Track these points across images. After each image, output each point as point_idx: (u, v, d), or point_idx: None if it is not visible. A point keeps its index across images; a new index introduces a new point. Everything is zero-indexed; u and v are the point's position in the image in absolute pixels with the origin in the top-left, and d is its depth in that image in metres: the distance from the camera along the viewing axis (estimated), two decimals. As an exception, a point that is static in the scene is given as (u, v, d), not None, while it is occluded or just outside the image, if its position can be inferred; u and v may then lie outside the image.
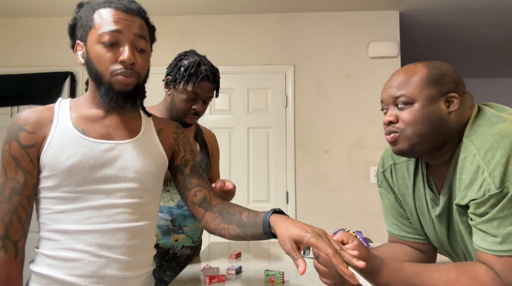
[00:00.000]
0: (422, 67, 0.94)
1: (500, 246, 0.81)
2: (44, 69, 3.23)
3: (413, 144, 0.93)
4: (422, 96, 0.91)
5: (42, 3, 3.12)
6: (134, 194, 0.97)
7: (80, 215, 0.92)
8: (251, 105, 3.27)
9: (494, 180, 0.80)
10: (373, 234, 2.93)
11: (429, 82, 0.91)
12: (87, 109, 1.00)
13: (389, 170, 1.12)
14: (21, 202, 0.91)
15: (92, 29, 0.95)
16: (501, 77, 5.11)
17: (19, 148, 0.92)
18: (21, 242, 0.91)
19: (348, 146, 3.19)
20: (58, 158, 0.91)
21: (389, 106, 0.96)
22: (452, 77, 0.93)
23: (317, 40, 3.28)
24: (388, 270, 0.89)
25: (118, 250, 0.93)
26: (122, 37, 0.93)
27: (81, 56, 0.98)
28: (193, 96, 1.40)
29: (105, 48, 0.93)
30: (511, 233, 0.80)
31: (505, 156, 0.80)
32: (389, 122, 0.95)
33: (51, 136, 0.93)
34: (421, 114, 0.91)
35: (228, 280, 1.15)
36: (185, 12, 3.27)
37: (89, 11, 0.97)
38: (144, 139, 1.03)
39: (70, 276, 0.90)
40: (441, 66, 0.94)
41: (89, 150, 0.93)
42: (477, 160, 0.84)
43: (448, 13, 3.23)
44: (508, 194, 0.79)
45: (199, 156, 1.55)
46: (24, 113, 0.96)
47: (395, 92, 0.94)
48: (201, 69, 1.40)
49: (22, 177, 0.91)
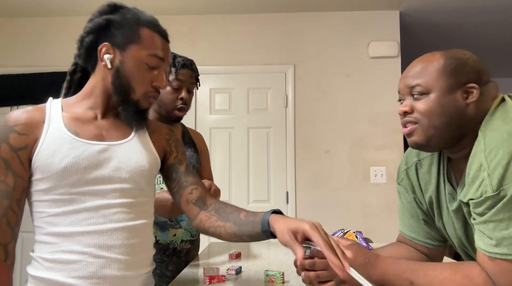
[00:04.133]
0: (439, 56, 0.90)
1: (495, 249, 0.80)
2: (44, 69, 3.23)
3: (428, 136, 0.90)
4: (438, 86, 0.88)
5: (42, 3, 3.12)
6: (128, 194, 0.97)
7: (76, 217, 0.91)
8: (251, 105, 3.27)
9: (492, 181, 0.78)
10: (373, 234, 2.93)
11: (446, 71, 0.88)
12: (79, 110, 0.99)
13: (414, 168, 1.08)
14: (11, 206, 0.89)
15: (137, 44, 0.96)
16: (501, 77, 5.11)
17: (9, 150, 0.90)
18: (11, 244, 0.90)
19: (348, 146, 3.19)
20: (51, 160, 0.90)
21: (405, 96, 0.94)
22: (472, 66, 0.89)
23: (317, 40, 3.28)
24: (383, 264, 0.89)
25: (117, 250, 0.93)
26: (162, 65, 1.00)
27: (109, 60, 0.97)
28: (177, 85, 1.48)
29: (146, 69, 0.98)
30: (505, 237, 0.79)
31: (507, 157, 0.77)
32: (403, 112, 0.92)
33: (43, 138, 0.92)
34: (436, 105, 0.88)
35: (228, 280, 1.15)
36: (185, 12, 3.27)
37: (133, 23, 0.97)
38: (137, 140, 1.03)
39: (70, 278, 0.89)
40: (460, 55, 0.90)
41: (82, 151, 0.92)
42: (482, 157, 0.81)
43: (448, 13, 3.23)
44: (505, 198, 0.77)
45: (188, 153, 1.58)
46: (14, 114, 0.93)
47: (410, 82, 0.91)
48: (178, 60, 1.50)
49: (12, 180, 0.89)
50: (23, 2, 3.09)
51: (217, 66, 3.27)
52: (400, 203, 1.16)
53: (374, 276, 0.89)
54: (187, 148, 1.59)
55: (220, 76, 3.28)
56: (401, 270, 0.88)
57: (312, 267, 0.89)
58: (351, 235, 1.52)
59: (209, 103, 3.26)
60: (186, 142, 1.60)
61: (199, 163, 1.63)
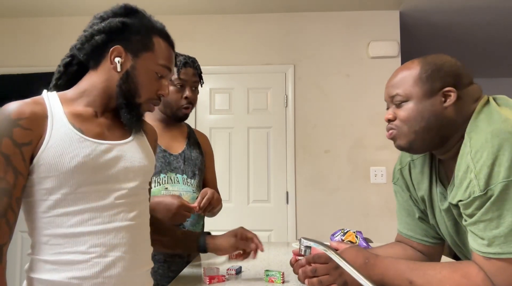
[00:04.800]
0: (417, 63, 0.95)
1: (488, 249, 0.81)
2: (44, 69, 3.23)
3: (410, 141, 0.95)
4: (415, 93, 0.92)
5: (42, 3, 3.12)
6: (132, 192, 0.97)
7: (81, 217, 0.90)
8: (251, 105, 3.27)
9: (479, 182, 0.80)
10: (373, 234, 2.93)
11: (421, 78, 0.92)
12: (79, 106, 0.98)
13: (407, 167, 1.12)
14: (10, 204, 0.85)
15: (150, 52, 0.98)
16: (501, 77, 5.11)
17: (11, 145, 0.85)
18: (6, 246, 0.86)
19: (348, 146, 3.19)
20: (60, 159, 0.87)
21: (389, 104, 0.99)
22: (449, 70, 0.92)
23: (317, 40, 3.28)
24: (383, 263, 0.90)
25: (122, 249, 0.93)
26: (168, 75, 1.03)
27: (119, 64, 0.96)
28: (180, 83, 1.49)
29: (155, 77, 1.00)
30: (496, 236, 0.80)
31: (492, 157, 0.80)
32: (387, 119, 0.98)
33: (49, 135, 0.89)
34: (414, 111, 0.92)
35: (228, 280, 1.15)
36: (185, 12, 3.27)
37: (147, 31, 0.98)
38: (137, 140, 1.04)
39: (74, 279, 0.88)
40: (436, 61, 0.94)
41: (90, 151, 0.91)
42: (468, 159, 0.84)
43: (448, 13, 3.23)
44: (492, 197, 0.79)
45: (194, 154, 1.57)
46: (15, 107, 0.88)
47: (391, 91, 0.97)
48: (179, 58, 1.50)
49: (13, 177, 0.85)
50: (23, 2, 3.09)
51: (217, 66, 3.27)
52: (397, 203, 1.18)
53: (374, 276, 0.90)
54: (192, 150, 1.58)
55: (220, 76, 3.28)
56: (401, 270, 0.89)
57: (314, 273, 0.90)
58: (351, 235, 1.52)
59: (209, 103, 3.26)
60: (191, 144, 1.59)
61: (204, 165, 1.62)
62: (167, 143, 1.51)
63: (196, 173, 1.54)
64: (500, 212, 0.79)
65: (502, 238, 0.79)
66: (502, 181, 0.78)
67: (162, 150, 1.48)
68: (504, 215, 0.79)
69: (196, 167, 1.55)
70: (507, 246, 0.79)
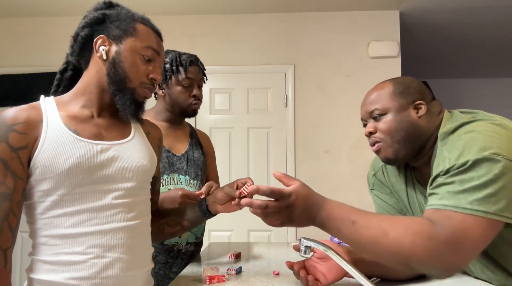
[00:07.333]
0: (388, 83, 1.08)
1: (439, 201, 0.86)
2: (44, 69, 3.23)
3: (395, 150, 1.03)
4: (392, 106, 1.04)
5: (42, 3, 3.12)
6: (130, 193, 0.97)
7: (78, 218, 0.90)
8: (251, 105, 3.27)
9: (450, 158, 0.89)
10: (373, 234, 2.93)
11: (396, 94, 1.05)
12: (74, 108, 0.98)
13: (381, 171, 1.23)
14: (11, 208, 0.86)
15: (134, 37, 0.99)
16: (501, 77, 5.10)
17: (8, 150, 0.86)
18: (10, 249, 0.87)
19: (348, 146, 3.19)
20: (54, 160, 0.88)
21: (367, 121, 1.09)
22: (416, 87, 1.06)
23: (317, 40, 3.28)
24: (329, 205, 0.92)
25: (119, 250, 0.93)
26: (157, 59, 1.03)
27: (104, 52, 0.98)
28: (188, 83, 1.50)
29: (142, 60, 0.99)
30: (450, 191, 0.85)
31: (462, 145, 0.89)
32: (369, 133, 1.07)
33: (43, 137, 0.90)
34: (394, 122, 1.03)
35: (228, 280, 1.15)
36: (185, 12, 3.27)
37: (129, 18, 1.00)
38: (137, 140, 1.04)
39: (72, 280, 0.89)
40: (405, 80, 1.08)
41: (85, 151, 0.92)
42: (445, 152, 0.93)
43: (448, 13, 3.23)
44: (460, 168, 0.85)
45: (196, 154, 1.57)
46: (11, 113, 0.90)
47: (369, 107, 1.07)
48: (184, 57, 1.51)
49: (12, 181, 0.86)
50: (23, 2, 3.10)
51: (217, 66, 3.26)
52: (376, 208, 1.24)
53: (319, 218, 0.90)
54: (194, 150, 1.58)
55: (220, 76, 3.28)
56: (346, 211, 0.92)
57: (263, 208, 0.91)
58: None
59: (209, 103, 3.26)
60: (193, 144, 1.60)
61: (206, 165, 1.63)
62: (171, 144, 1.52)
63: (198, 174, 1.55)
64: (462, 179, 0.84)
65: (454, 194, 0.84)
66: (472, 158, 0.85)
67: (165, 150, 1.49)
68: (465, 183, 0.84)
69: (198, 168, 1.56)
70: (458, 200, 0.83)
